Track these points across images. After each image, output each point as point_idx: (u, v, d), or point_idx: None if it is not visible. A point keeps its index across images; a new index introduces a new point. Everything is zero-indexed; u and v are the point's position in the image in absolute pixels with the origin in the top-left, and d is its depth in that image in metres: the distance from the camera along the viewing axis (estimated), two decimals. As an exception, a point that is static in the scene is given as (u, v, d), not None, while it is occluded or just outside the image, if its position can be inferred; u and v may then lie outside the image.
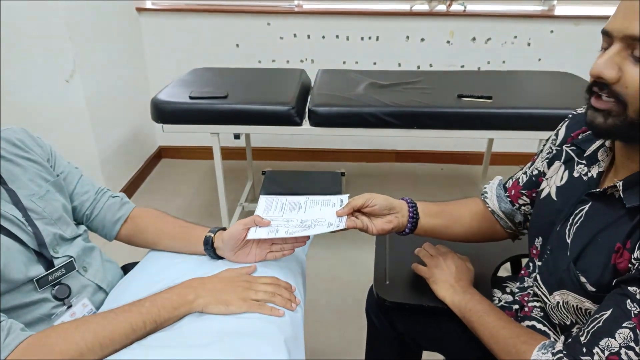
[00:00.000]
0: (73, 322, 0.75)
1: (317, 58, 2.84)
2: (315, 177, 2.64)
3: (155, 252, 1.02)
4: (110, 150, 2.53)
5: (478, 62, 2.82)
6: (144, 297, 0.80)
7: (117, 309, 0.77)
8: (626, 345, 0.62)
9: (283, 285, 0.89)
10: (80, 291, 0.92)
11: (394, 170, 3.07)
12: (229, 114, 1.90)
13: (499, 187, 1.03)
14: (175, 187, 2.84)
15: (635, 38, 0.62)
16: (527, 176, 0.98)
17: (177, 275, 0.89)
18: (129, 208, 1.06)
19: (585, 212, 0.76)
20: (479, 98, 1.93)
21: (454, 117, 1.87)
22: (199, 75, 2.25)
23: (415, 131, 1.90)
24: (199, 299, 0.80)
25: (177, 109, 1.90)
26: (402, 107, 1.88)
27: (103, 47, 2.44)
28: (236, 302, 0.81)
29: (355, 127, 1.90)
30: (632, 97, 0.64)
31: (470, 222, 1.02)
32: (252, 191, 2.69)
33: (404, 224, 0.98)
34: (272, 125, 1.91)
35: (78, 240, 0.96)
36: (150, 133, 3.05)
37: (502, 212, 1.01)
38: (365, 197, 0.96)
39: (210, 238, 0.95)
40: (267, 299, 0.84)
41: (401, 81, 2.16)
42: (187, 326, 0.78)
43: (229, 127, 1.94)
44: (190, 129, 1.94)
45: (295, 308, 0.85)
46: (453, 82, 2.18)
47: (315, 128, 1.92)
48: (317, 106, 1.89)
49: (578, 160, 0.84)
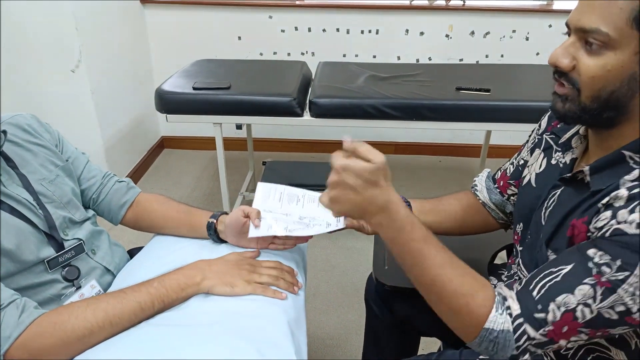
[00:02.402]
0: (84, 301, 0.76)
1: (317, 51, 2.85)
2: (315, 168, 2.65)
3: (160, 236, 1.04)
4: (115, 139, 2.53)
5: (477, 56, 2.82)
6: (152, 278, 0.81)
7: (127, 288, 0.79)
8: (584, 302, 0.63)
9: (286, 270, 0.90)
10: (89, 273, 0.93)
11: (393, 162, 3.08)
12: (231, 104, 1.90)
13: (488, 179, 1.04)
14: (177, 176, 2.85)
15: (586, 30, 0.66)
16: (513, 166, 1.00)
17: (184, 257, 0.90)
18: (134, 193, 1.07)
19: (558, 195, 0.78)
20: (477, 91, 1.94)
21: (453, 110, 1.88)
22: (203, 67, 2.25)
23: (414, 123, 1.91)
24: (206, 281, 0.81)
25: (181, 99, 1.90)
26: (402, 99, 1.88)
27: (108, 38, 2.44)
28: (241, 285, 0.82)
29: (355, 118, 1.92)
30: (585, 83, 0.68)
31: (463, 215, 1.04)
32: (253, 181, 2.69)
33: None
34: (274, 116, 1.92)
35: (87, 224, 0.97)
36: (154, 123, 3.05)
37: (492, 204, 1.02)
38: None
39: (212, 224, 0.97)
40: (271, 282, 0.85)
41: (401, 74, 2.16)
42: (193, 306, 0.79)
43: (231, 118, 1.94)
44: (193, 119, 1.95)
45: (297, 292, 0.87)
46: (452, 75, 2.18)
47: (316, 119, 1.92)
48: (318, 97, 1.90)
49: (556, 148, 0.86)
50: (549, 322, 0.65)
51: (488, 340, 0.68)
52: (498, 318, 0.68)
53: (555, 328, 0.65)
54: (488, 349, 0.69)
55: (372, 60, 2.84)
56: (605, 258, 0.62)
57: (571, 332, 0.65)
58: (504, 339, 0.67)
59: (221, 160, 2.03)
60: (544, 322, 0.65)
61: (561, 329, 0.65)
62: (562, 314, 0.64)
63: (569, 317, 0.64)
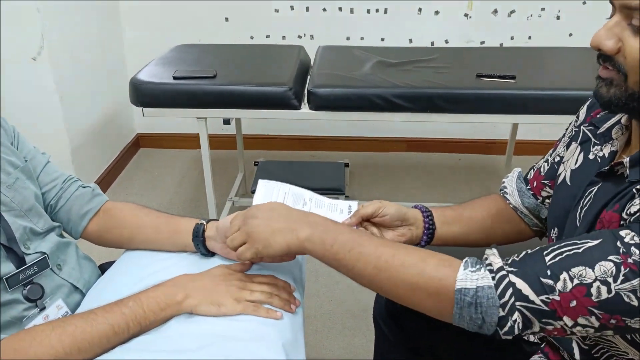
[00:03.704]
0: (49, 324, 0.77)
1: (317, 33, 2.85)
2: (316, 169, 2.65)
3: (132, 251, 1.03)
4: (82, 138, 2.54)
5: (500, 38, 2.83)
6: (127, 296, 0.81)
7: (97, 309, 0.79)
8: (602, 280, 0.63)
9: (281, 285, 0.91)
10: (54, 292, 0.93)
11: (405, 160, 3.09)
12: (217, 96, 1.91)
13: (519, 180, 1.04)
14: (155, 180, 2.86)
15: (632, 8, 0.66)
16: (548, 164, 1.00)
17: (165, 272, 0.90)
18: (100, 200, 1.06)
19: (594, 193, 0.78)
20: (501, 78, 1.94)
21: (473, 100, 1.89)
22: (184, 53, 2.26)
23: (428, 116, 1.91)
24: (189, 299, 0.82)
25: (159, 90, 1.91)
26: (414, 89, 1.89)
27: (75, 20, 2.45)
28: (229, 303, 0.82)
29: (360, 111, 1.92)
30: (631, 68, 0.69)
31: (492, 224, 1.04)
32: (244, 184, 2.70)
33: (419, 236, 1.01)
34: (267, 109, 1.92)
35: (51, 235, 0.98)
36: (128, 118, 3.06)
37: (525, 209, 1.02)
38: (375, 205, 0.98)
39: (201, 227, 0.97)
40: (264, 299, 0.85)
41: (413, 59, 2.17)
42: (175, 328, 0.80)
43: (217, 111, 1.95)
44: (173, 113, 1.96)
45: (294, 310, 0.87)
46: (471, 60, 2.20)
47: (316, 112, 1.93)
48: (318, 87, 1.91)
49: (594, 141, 0.86)
50: (556, 291, 0.66)
51: (467, 305, 0.68)
52: (470, 275, 0.69)
53: (562, 299, 0.65)
54: (472, 317, 0.69)
55: (379, 43, 2.85)
56: (636, 239, 0.63)
57: (580, 310, 0.65)
58: (486, 298, 0.68)
59: (206, 161, 2.04)
60: (550, 289, 0.66)
61: (569, 302, 0.65)
62: (575, 286, 0.65)
63: (581, 292, 0.64)
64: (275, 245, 0.81)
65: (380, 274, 0.75)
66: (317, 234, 0.80)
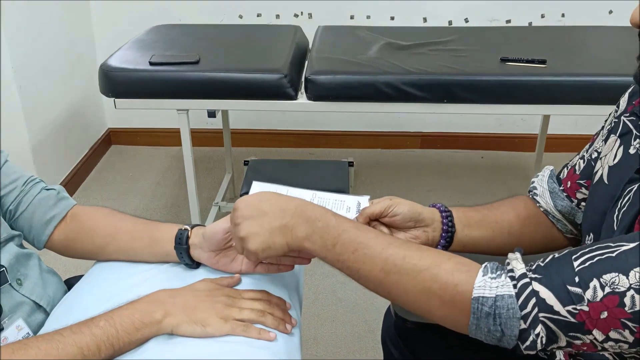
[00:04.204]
0: (7, 348, 0.77)
1: (316, 11, 2.87)
2: (315, 169, 2.65)
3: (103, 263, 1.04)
4: (45, 133, 2.55)
5: (529, 16, 2.84)
6: (98, 314, 0.82)
7: (64, 329, 0.80)
8: (638, 288, 0.64)
9: (275, 302, 0.92)
10: (14, 310, 0.94)
11: (419, 159, 3.10)
12: (201, 84, 1.92)
13: (552, 180, 1.05)
14: (129, 182, 2.87)
15: None
16: (584, 161, 1.00)
17: (142, 286, 0.91)
18: (67, 205, 1.07)
19: (634, 192, 0.79)
20: (530, 62, 1.95)
21: (497, 88, 1.90)
22: (162, 35, 2.27)
23: (446, 106, 1.92)
24: (169, 318, 0.83)
25: (134, 78, 1.92)
26: (429, 75, 1.90)
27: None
28: (215, 322, 0.83)
29: (366, 101, 1.93)
30: None
31: (520, 228, 1.04)
32: (232, 187, 2.71)
33: (436, 239, 1.01)
34: (258, 100, 1.94)
35: (10, 245, 0.98)
36: (98, 111, 3.07)
37: (558, 212, 1.02)
38: (385, 203, 0.98)
39: (185, 233, 0.97)
40: (255, 318, 0.86)
41: (427, 41, 2.18)
42: (153, 351, 0.80)
43: (201, 102, 1.96)
44: (150, 104, 1.97)
45: (290, 330, 0.88)
46: (495, 41, 2.20)
47: (315, 103, 1.94)
48: (317, 74, 1.92)
49: (636, 133, 0.86)
50: (584, 300, 0.66)
51: (485, 316, 0.69)
52: (489, 282, 0.70)
53: (591, 310, 0.66)
54: (490, 329, 0.70)
55: (388, 23, 2.86)
56: None
57: (611, 322, 0.65)
58: (506, 308, 0.68)
59: (188, 159, 2.05)
60: (578, 298, 0.66)
61: (599, 313, 0.66)
62: (606, 295, 0.65)
63: (614, 301, 0.65)
64: (275, 246, 0.83)
65: (388, 278, 0.76)
66: (317, 232, 0.81)
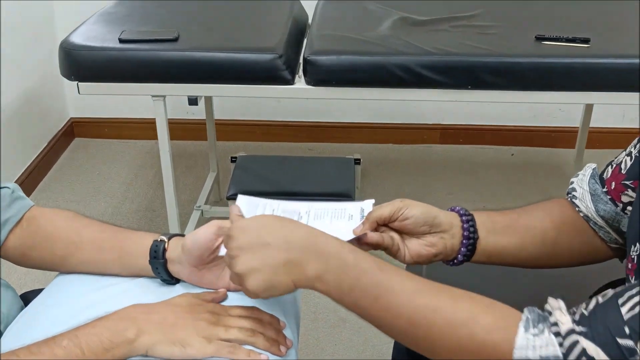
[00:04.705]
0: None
1: (317, -18, 2.87)
2: (315, 167, 2.65)
3: (66, 275, 1.04)
4: (-2, 124, 2.56)
5: (567, -12, 2.84)
6: (61, 333, 0.82)
7: (20, 350, 0.80)
8: None
9: (267, 320, 0.92)
10: (-38, 328, 0.95)
11: (438, 156, 3.10)
12: (180, 66, 1.92)
13: (594, 181, 1.04)
14: (96, 181, 2.87)
15: None
16: (631, 159, 0.99)
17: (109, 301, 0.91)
18: (23, 206, 1.07)
19: None
20: (570, 42, 1.94)
21: (531, 72, 1.89)
22: (133, 7, 2.26)
23: (470, 94, 1.92)
24: (143, 337, 0.83)
25: (100, 58, 1.92)
26: (450, 56, 1.90)
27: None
28: (197, 342, 0.83)
29: (376, 86, 1.93)
30: None
31: (555, 236, 1.04)
32: (216, 187, 2.71)
33: (455, 247, 1.00)
34: (248, 84, 1.93)
35: (-42, 254, 0.99)
36: (58, 97, 3.07)
37: (601, 218, 1.02)
38: (395, 205, 0.98)
39: (161, 245, 0.97)
40: (243, 338, 0.86)
41: (449, 15, 2.17)
42: (124, 376, 0.81)
43: (180, 87, 1.96)
44: (120, 89, 1.97)
45: (284, 353, 0.88)
46: (529, 17, 2.19)
47: (315, 89, 1.94)
48: (318, 54, 1.91)
49: None
50: (637, 354, 0.66)
51: None
52: (532, 340, 0.70)
53: None
54: None
55: (402, -5, 2.87)
56: None
57: None
58: None
59: (165, 155, 2.05)
60: (630, 352, 0.66)
61: None
62: None
63: None
64: (280, 286, 0.82)
65: (416, 331, 0.76)
66: (331, 271, 0.80)
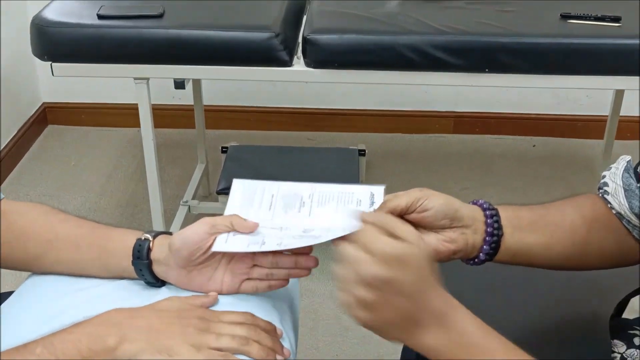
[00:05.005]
0: None
1: (318, -47, 2.87)
2: (316, 158, 2.65)
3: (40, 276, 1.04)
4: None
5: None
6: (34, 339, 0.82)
7: None
8: None
9: (262, 327, 0.92)
10: None
11: (451, 147, 3.10)
12: (166, 45, 1.93)
13: (628, 174, 1.04)
14: (72, 172, 2.87)
15: None
16: None
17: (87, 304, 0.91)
18: None
19: None
20: (599, 20, 1.95)
21: (555, 54, 1.90)
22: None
23: (487, 77, 1.93)
24: (125, 344, 0.82)
25: (77, 36, 1.92)
26: (466, 36, 1.90)
27: None
28: (185, 351, 0.83)
29: (383, 69, 1.94)
30: None
31: (586, 235, 1.04)
32: (205, 180, 2.72)
33: (477, 244, 1.00)
34: (240, 66, 1.94)
35: None
36: (29, 80, 3.08)
37: (634, 216, 1.01)
38: (413, 195, 0.97)
39: (145, 244, 0.97)
40: (236, 347, 0.86)
41: (463, -8, 2.18)
42: (104, 387, 0.81)
43: (166, 69, 1.96)
44: (99, 71, 1.98)
45: (282, 363, 0.89)
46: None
47: (315, 71, 1.94)
48: (318, 33, 1.92)
49: None
50: None
51: None
52: None
53: None
54: None
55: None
56: None
57: None
58: None
59: (149, 144, 2.05)
60: None
61: None
62: None
63: None
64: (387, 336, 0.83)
65: None
66: (452, 347, 0.81)
